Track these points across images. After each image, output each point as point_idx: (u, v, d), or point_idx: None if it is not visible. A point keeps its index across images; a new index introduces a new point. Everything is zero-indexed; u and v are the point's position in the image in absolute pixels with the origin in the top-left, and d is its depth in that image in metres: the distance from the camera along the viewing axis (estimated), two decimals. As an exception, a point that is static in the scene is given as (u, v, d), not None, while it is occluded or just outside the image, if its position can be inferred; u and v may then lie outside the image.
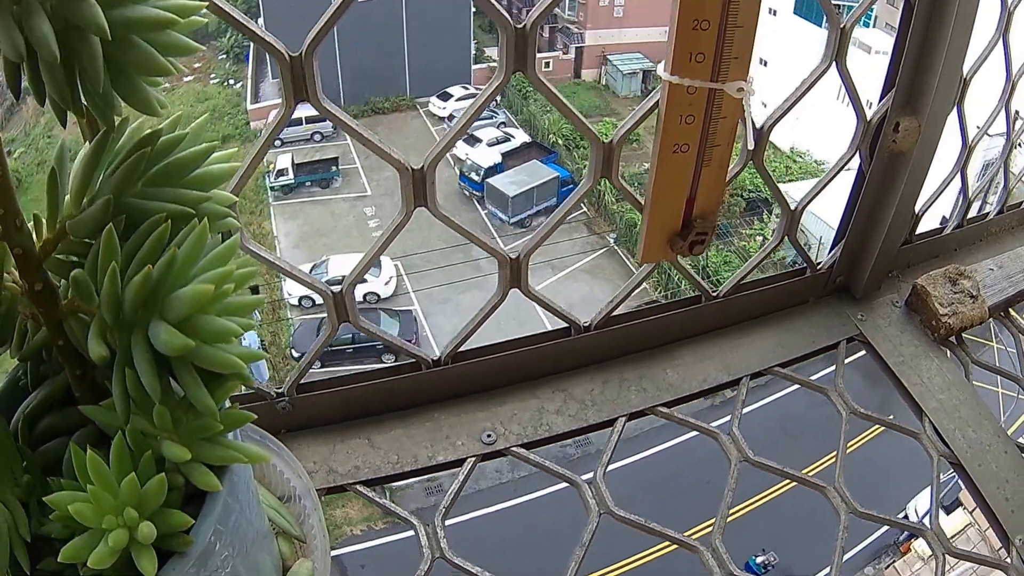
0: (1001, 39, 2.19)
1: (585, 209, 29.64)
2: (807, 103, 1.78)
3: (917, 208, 2.23)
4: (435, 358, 1.83)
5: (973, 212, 2.55)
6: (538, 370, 1.93)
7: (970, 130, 2.30)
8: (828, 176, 2.08)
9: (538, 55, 1.43)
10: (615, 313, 1.96)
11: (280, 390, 1.73)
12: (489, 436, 1.79)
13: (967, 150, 2.33)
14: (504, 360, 1.88)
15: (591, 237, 28.65)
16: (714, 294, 2.10)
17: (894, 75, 1.94)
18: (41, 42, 0.69)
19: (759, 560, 16.06)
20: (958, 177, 2.39)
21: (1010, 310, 2.39)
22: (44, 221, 0.87)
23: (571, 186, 30.22)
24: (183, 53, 0.80)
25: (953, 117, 2.09)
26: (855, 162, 2.07)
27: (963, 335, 2.25)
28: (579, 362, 1.97)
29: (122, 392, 0.81)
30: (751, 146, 1.67)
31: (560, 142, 33.52)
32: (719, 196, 1.57)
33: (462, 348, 1.86)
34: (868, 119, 1.99)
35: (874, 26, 34.42)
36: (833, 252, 2.24)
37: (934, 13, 1.82)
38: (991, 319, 2.32)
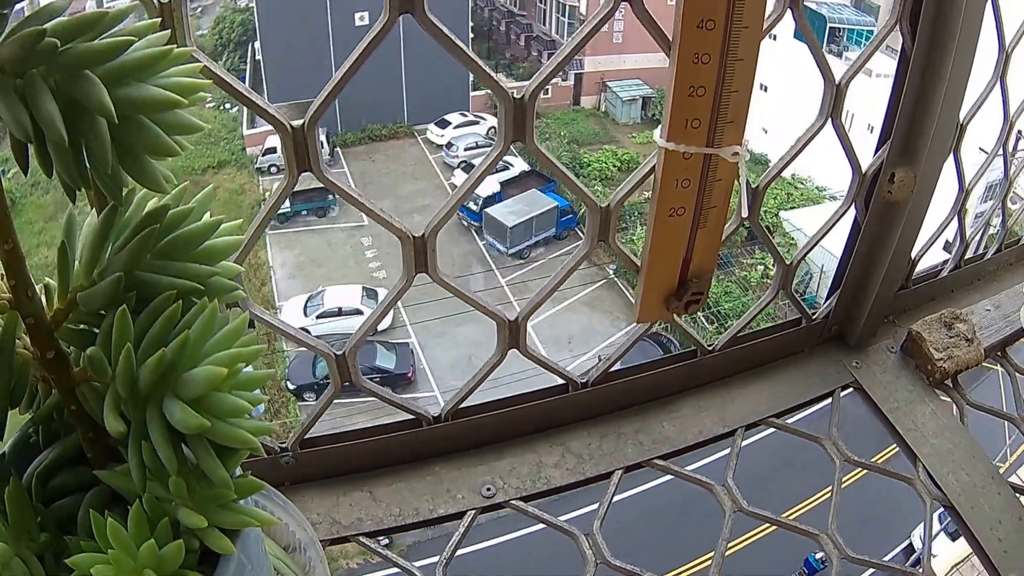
0: (999, 82, 2.22)
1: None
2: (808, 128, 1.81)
3: (913, 254, 2.26)
4: (435, 415, 1.87)
5: (974, 241, 2.58)
6: (536, 425, 1.96)
7: (967, 173, 2.33)
8: (822, 230, 2.11)
9: None
10: (612, 369, 1.98)
11: (284, 445, 1.75)
12: (489, 489, 1.81)
13: (964, 194, 2.36)
14: (503, 416, 1.91)
15: (590, 268, 28.66)
16: (710, 348, 2.12)
17: (890, 127, 1.97)
18: (48, 124, 0.72)
19: (818, 556, 16.22)
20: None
21: (1007, 349, 2.40)
22: (55, 290, 0.90)
23: (570, 215, 30.26)
24: (189, 132, 0.82)
25: (950, 161, 2.12)
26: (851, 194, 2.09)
27: (958, 377, 2.27)
28: (577, 417, 2.00)
29: (138, 463, 0.83)
30: (744, 213, 1.69)
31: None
32: (715, 256, 1.60)
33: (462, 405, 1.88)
34: (863, 172, 2.02)
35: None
36: (829, 302, 2.26)
37: (930, 64, 1.85)
38: (987, 359, 2.34)
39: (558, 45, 42.78)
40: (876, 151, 2.02)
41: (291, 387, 22.81)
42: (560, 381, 1.99)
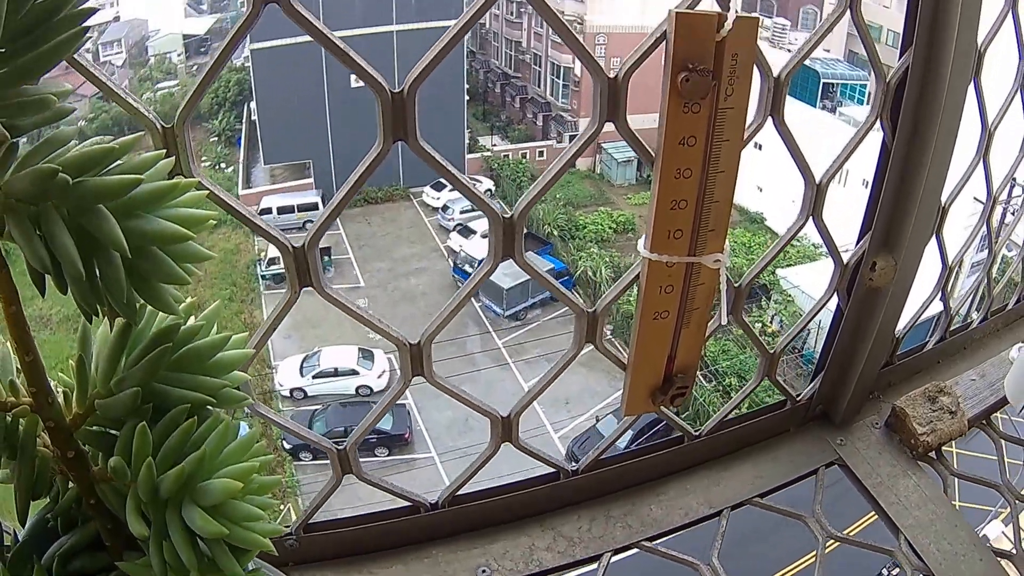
0: (982, 161, 2.28)
1: (581, 301, 29.71)
2: (802, 188, 1.86)
3: (897, 332, 2.31)
4: (432, 502, 1.93)
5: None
6: (529, 510, 2.01)
7: (950, 252, 2.39)
8: (806, 318, 2.18)
9: (531, 144, 1.54)
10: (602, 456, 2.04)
11: (289, 529, 1.80)
12: (483, 572, 1.87)
13: (947, 271, 2.41)
14: (497, 503, 1.97)
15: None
16: (696, 433, 2.17)
17: (871, 218, 2.03)
18: (66, 258, 0.79)
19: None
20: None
21: (991, 417, 2.45)
22: (74, 394, 0.96)
23: (567, 277, 30.27)
24: (198, 261, 0.89)
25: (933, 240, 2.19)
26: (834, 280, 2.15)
27: (942, 449, 2.32)
28: (567, 501, 2.05)
29: (160, 562, 0.91)
30: (724, 320, 1.73)
31: (555, 233, 33.56)
32: (699, 353, 1.66)
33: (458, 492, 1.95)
34: (845, 263, 2.08)
35: (867, 103, 34.74)
36: (813, 384, 2.30)
37: (910, 155, 1.91)
38: (972, 429, 2.39)
39: (553, 107, 42.98)
40: (858, 241, 2.08)
41: (287, 447, 22.73)
42: (551, 469, 2.04)
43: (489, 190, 38.24)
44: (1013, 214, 2.88)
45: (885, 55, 1.84)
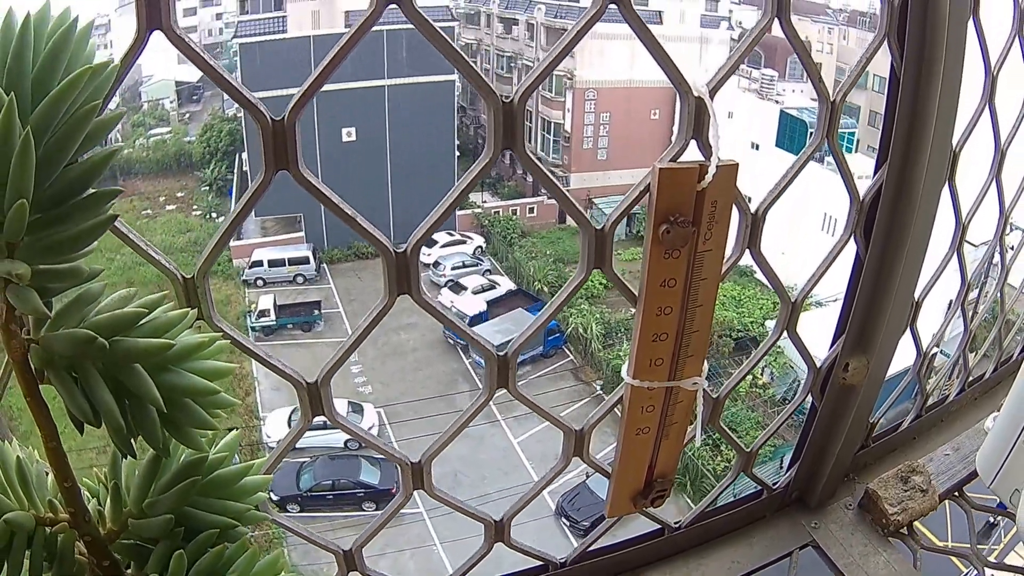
0: (955, 253, 2.35)
1: (572, 357, 29.65)
2: (797, 238, 1.92)
3: (873, 419, 2.39)
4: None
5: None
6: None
7: (924, 340, 2.45)
8: (782, 418, 2.28)
9: (522, 201, 1.60)
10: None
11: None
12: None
13: (923, 358, 2.47)
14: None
15: (578, 385, 28.61)
16: (675, 524, 2.24)
17: (845, 322, 2.11)
18: (106, 412, 0.90)
19: None
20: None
21: (964, 489, 2.50)
22: (107, 511, 1.07)
23: (558, 335, 30.24)
24: (226, 407, 1.01)
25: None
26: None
27: (914, 524, 2.38)
28: (557, 593, 2.11)
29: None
30: (698, 441, 1.80)
31: (546, 289, 33.53)
32: (677, 460, 1.75)
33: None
34: (819, 367, 2.17)
35: (856, 151, 34.70)
36: (789, 473, 2.38)
37: (884, 264, 2.00)
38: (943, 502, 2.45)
39: (544, 163, 42.91)
40: (832, 344, 2.16)
41: (274, 498, 22.61)
42: (539, 562, 2.13)
43: (479, 246, 38.25)
44: (987, 295, 2.90)
45: (874, 102, 1.87)
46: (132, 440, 0.95)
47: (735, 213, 1.57)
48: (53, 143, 0.83)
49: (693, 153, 1.49)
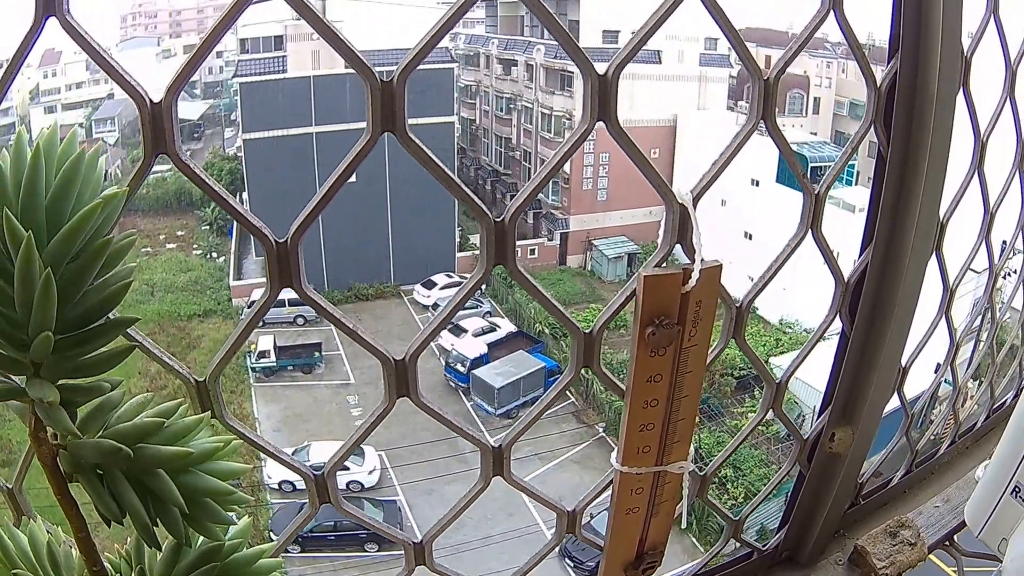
0: (944, 317, 2.34)
1: (573, 399, 29.69)
2: (791, 273, 1.91)
3: (861, 479, 2.37)
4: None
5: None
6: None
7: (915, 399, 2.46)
8: (767, 489, 2.29)
9: (523, 243, 1.59)
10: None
11: None
12: None
13: (909, 418, 2.45)
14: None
15: (580, 428, 28.65)
16: (670, 590, 2.21)
17: (831, 393, 2.13)
18: (133, 512, 0.99)
19: None
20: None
21: (954, 537, 2.48)
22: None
23: (558, 376, 30.37)
24: (243, 503, 1.09)
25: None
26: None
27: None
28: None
29: None
30: (684, 524, 1.85)
31: (546, 331, 33.64)
32: (667, 534, 1.74)
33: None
34: (804, 439, 2.17)
35: (856, 183, 34.87)
36: (779, 535, 2.36)
37: (869, 340, 2.01)
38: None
39: (544, 204, 43.23)
40: (817, 416, 2.18)
41: (274, 538, 22.69)
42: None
43: (479, 289, 38.38)
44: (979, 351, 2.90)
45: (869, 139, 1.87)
46: (155, 533, 1.03)
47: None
48: (71, 273, 0.90)
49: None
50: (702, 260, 1.42)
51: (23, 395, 0.93)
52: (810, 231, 1.83)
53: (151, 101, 1.23)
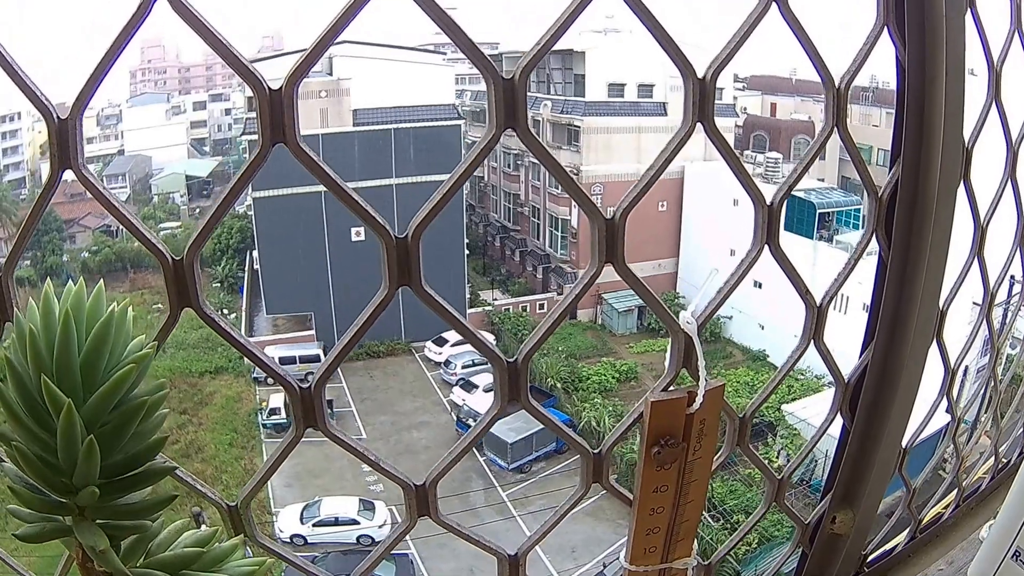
0: (944, 398, 2.34)
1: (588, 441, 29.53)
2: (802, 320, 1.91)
3: (865, 551, 2.34)
4: None
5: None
6: None
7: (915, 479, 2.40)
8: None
9: (532, 297, 1.60)
10: None
11: None
12: None
13: (911, 494, 2.42)
14: None
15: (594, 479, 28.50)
16: None
17: (832, 479, 2.15)
18: None
19: None
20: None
21: None
22: None
23: (571, 429, 30.27)
24: None
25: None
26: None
27: None
28: None
29: None
30: None
31: (558, 385, 33.58)
32: None
33: None
34: (806, 522, 2.17)
35: (863, 226, 34.98)
36: None
37: (870, 432, 2.05)
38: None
39: (552, 259, 43.28)
40: (821, 499, 2.18)
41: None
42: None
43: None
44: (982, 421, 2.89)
45: (877, 175, 1.87)
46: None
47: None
48: (109, 430, 0.95)
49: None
50: (706, 382, 1.50)
51: (71, 534, 0.98)
52: (812, 342, 1.92)
53: (58, 117, 1.22)
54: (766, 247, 1.77)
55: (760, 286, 35.33)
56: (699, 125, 1.54)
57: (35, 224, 1.32)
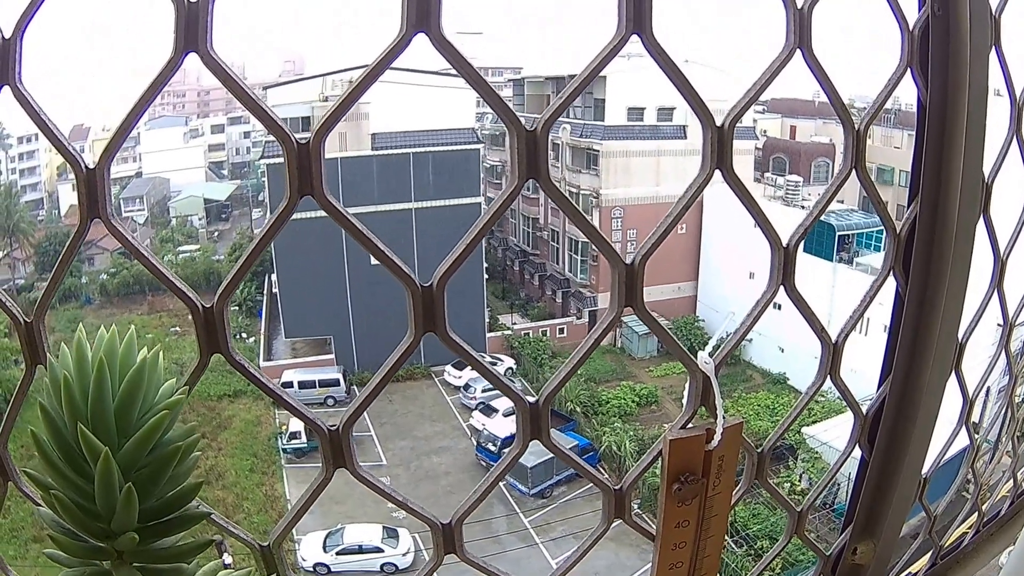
0: (963, 427, 2.33)
1: (607, 476, 29.51)
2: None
3: None
4: None
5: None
6: None
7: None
8: None
9: (552, 322, 1.60)
10: None
11: None
12: None
13: (932, 521, 2.39)
14: None
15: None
16: None
17: (852, 511, 2.13)
18: None
19: None
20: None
21: None
22: None
23: (591, 453, 30.19)
24: None
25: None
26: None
27: None
28: None
29: None
30: None
31: (578, 409, 33.54)
32: None
33: None
34: (828, 554, 2.16)
35: (883, 249, 34.95)
36: None
37: (887, 464, 2.03)
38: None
39: (572, 283, 43.26)
40: (841, 531, 2.17)
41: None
42: None
43: (510, 368, 38.32)
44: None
45: (901, 196, 1.86)
46: None
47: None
48: (145, 476, 0.99)
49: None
50: (724, 420, 1.55)
51: (111, 576, 1.04)
52: (829, 377, 1.88)
53: (86, 167, 1.23)
54: (782, 288, 1.79)
55: (780, 308, 35.04)
56: (717, 172, 1.57)
57: (64, 274, 1.35)
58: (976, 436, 2.45)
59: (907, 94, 1.75)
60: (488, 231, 1.46)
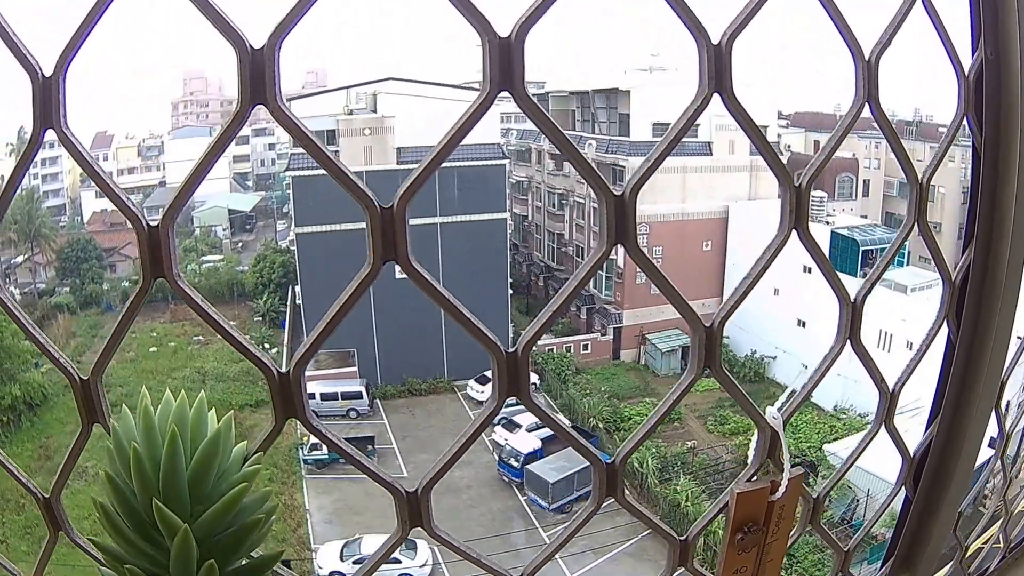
0: (999, 459, 2.35)
1: (628, 492, 29.46)
2: (854, 362, 1.91)
3: None
4: None
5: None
6: None
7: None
8: None
9: (576, 338, 1.60)
10: None
11: None
12: None
13: (963, 551, 2.40)
14: None
15: (634, 521, 28.38)
16: None
17: (895, 545, 2.18)
18: None
19: None
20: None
21: None
22: None
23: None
24: None
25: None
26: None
27: None
28: None
29: None
30: None
31: (600, 426, 33.47)
32: None
33: None
34: None
35: (908, 263, 34.66)
36: None
37: (928, 505, 2.08)
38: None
39: (597, 300, 43.17)
40: (882, 564, 2.22)
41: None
42: None
43: (534, 384, 38.27)
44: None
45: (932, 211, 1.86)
46: None
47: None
48: (223, 546, 1.00)
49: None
50: (789, 473, 1.62)
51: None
52: (883, 426, 1.91)
53: (148, 225, 1.24)
54: (848, 343, 1.81)
55: (804, 324, 35.20)
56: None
57: (125, 332, 1.40)
58: (1011, 470, 2.47)
59: (927, 106, 1.76)
60: (577, 295, 1.48)
